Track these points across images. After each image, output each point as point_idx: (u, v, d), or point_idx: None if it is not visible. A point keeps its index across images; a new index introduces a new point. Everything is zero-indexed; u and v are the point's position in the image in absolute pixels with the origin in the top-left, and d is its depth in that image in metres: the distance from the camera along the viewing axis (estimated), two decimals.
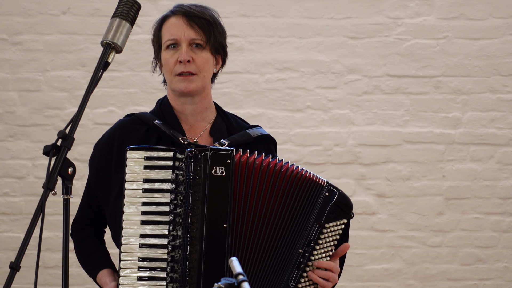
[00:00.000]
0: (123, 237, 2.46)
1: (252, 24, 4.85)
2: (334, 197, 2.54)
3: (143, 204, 2.46)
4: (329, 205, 2.53)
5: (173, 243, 2.44)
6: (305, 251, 2.52)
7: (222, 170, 2.47)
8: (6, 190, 4.78)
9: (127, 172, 2.47)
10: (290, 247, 2.53)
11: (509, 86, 4.91)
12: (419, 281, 4.88)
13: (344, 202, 2.56)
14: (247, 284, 1.87)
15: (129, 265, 2.45)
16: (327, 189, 2.55)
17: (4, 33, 4.78)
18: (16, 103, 4.78)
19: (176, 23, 2.66)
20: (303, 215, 2.54)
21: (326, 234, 2.53)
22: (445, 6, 4.90)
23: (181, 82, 2.64)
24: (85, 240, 2.76)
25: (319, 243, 2.52)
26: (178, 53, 2.64)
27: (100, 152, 2.71)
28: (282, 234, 2.52)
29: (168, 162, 2.48)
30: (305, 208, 2.54)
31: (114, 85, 4.80)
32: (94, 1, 4.81)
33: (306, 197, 2.55)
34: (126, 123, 2.72)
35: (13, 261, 2.07)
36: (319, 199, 2.54)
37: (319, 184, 2.56)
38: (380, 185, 4.88)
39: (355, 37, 4.89)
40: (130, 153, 2.49)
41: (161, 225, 2.46)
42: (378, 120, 4.88)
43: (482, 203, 4.91)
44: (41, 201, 2.09)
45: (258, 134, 2.75)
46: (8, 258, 4.73)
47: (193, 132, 2.72)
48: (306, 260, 2.52)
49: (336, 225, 2.54)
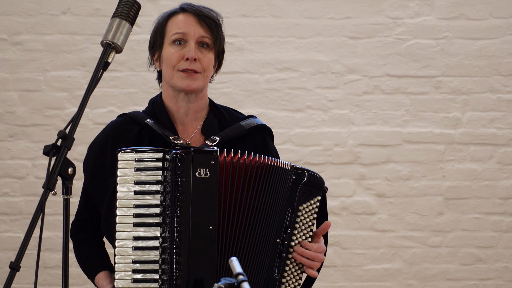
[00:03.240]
0: (117, 240, 2.45)
1: (252, 24, 4.84)
2: (302, 179, 2.52)
3: (135, 206, 2.46)
4: (298, 188, 2.51)
5: (164, 245, 2.44)
6: (283, 239, 2.50)
7: (206, 171, 2.45)
8: (6, 190, 4.78)
9: (119, 175, 2.46)
10: (270, 239, 2.50)
11: (509, 86, 4.91)
12: (419, 281, 4.88)
13: (313, 180, 2.53)
14: (247, 284, 1.87)
15: (123, 267, 2.45)
16: (293, 173, 2.52)
17: (4, 33, 4.78)
18: (16, 103, 4.78)
19: (186, 19, 2.64)
20: (275, 204, 2.51)
21: (302, 216, 2.51)
22: (445, 6, 4.90)
23: (185, 79, 2.62)
24: (83, 242, 2.75)
25: (296, 227, 2.51)
26: (184, 50, 2.62)
27: (94, 155, 2.70)
28: (261, 228, 2.50)
29: (158, 164, 2.46)
30: (275, 197, 2.52)
31: (114, 85, 4.80)
32: (94, 1, 4.81)
33: (274, 186, 2.52)
34: (119, 124, 2.70)
35: (13, 261, 2.07)
36: (287, 184, 2.52)
37: (283, 169, 2.53)
38: (380, 185, 4.88)
39: (355, 37, 4.89)
40: (121, 156, 2.47)
41: (153, 227, 2.45)
42: (378, 120, 4.88)
43: (482, 203, 4.91)
44: (41, 201, 2.09)
45: (252, 125, 2.72)
46: (8, 258, 4.73)
47: (186, 132, 2.70)
48: (287, 248, 2.50)
49: (310, 205, 2.52)
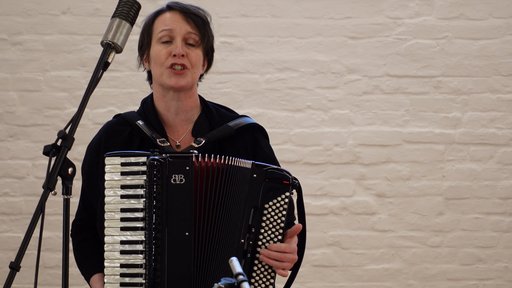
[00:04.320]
0: (106, 244, 2.46)
1: (252, 24, 4.84)
2: (265, 176, 2.46)
3: (122, 210, 2.45)
4: (261, 185, 2.46)
5: (146, 250, 2.43)
6: (248, 239, 2.45)
7: (181, 178, 2.43)
8: (6, 190, 4.78)
9: (106, 179, 2.46)
10: (232, 240, 2.46)
11: (509, 86, 4.91)
12: (419, 281, 4.88)
13: (277, 176, 2.47)
14: (247, 284, 1.87)
15: (111, 271, 2.45)
16: (254, 171, 2.47)
17: (4, 33, 4.78)
18: (16, 103, 4.78)
19: (172, 17, 2.65)
20: (237, 204, 2.47)
21: (268, 215, 2.45)
22: (445, 6, 4.90)
23: (172, 77, 2.61)
24: (80, 243, 2.75)
25: (262, 226, 2.45)
26: (171, 47, 2.61)
27: (89, 156, 2.71)
28: (225, 229, 2.47)
29: (142, 168, 2.44)
30: (236, 197, 2.47)
31: (114, 85, 4.80)
32: (94, 1, 4.81)
33: (235, 185, 2.48)
34: (112, 125, 2.70)
35: (13, 261, 2.07)
36: (248, 182, 2.47)
37: (243, 168, 2.48)
38: (380, 185, 4.88)
39: (355, 37, 4.88)
40: (108, 160, 2.47)
41: (138, 231, 2.44)
42: (378, 120, 4.88)
43: (482, 203, 4.91)
44: (41, 201, 2.09)
45: (240, 124, 2.68)
46: (8, 258, 4.73)
47: (177, 133, 2.68)
48: (252, 247, 2.45)
49: (277, 202, 2.46)
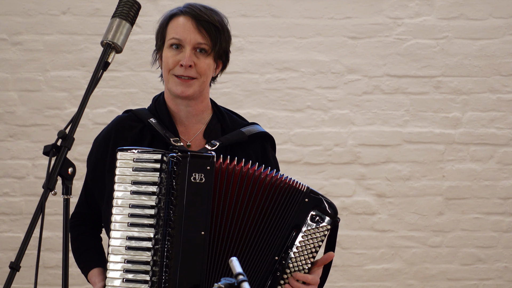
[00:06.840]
0: (111, 238, 2.45)
1: (252, 24, 4.84)
2: (315, 203, 2.48)
3: (131, 206, 2.44)
4: (309, 211, 2.47)
5: (156, 247, 2.43)
6: (282, 258, 2.46)
7: (201, 176, 2.43)
8: (6, 190, 4.78)
9: (117, 174, 2.45)
10: (267, 254, 2.47)
11: (509, 86, 4.91)
12: (419, 281, 4.88)
13: (327, 207, 2.49)
14: (247, 284, 1.87)
15: (115, 266, 2.44)
16: (307, 195, 2.48)
17: (4, 33, 4.78)
18: (16, 103, 4.78)
19: (183, 24, 2.58)
20: (280, 222, 2.48)
21: (306, 240, 2.47)
22: (445, 6, 4.90)
23: (179, 86, 2.58)
24: (80, 236, 2.75)
25: (298, 250, 2.47)
26: (180, 55, 2.58)
27: (97, 149, 2.69)
28: (258, 241, 2.47)
29: (156, 165, 2.44)
30: (281, 215, 2.48)
31: (114, 85, 4.80)
32: (94, 1, 4.80)
33: (284, 204, 2.48)
34: (123, 120, 2.69)
35: (13, 261, 2.07)
36: (298, 205, 2.48)
37: (298, 190, 2.49)
38: (380, 185, 4.88)
39: (355, 37, 4.88)
40: (121, 155, 2.46)
41: (147, 228, 2.44)
42: (378, 120, 4.88)
43: (482, 203, 4.91)
44: (41, 201, 2.09)
45: (253, 132, 2.69)
46: (8, 258, 4.73)
47: (188, 133, 2.67)
48: (283, 268, 2.46)
49: (318, 231, 2.48)
